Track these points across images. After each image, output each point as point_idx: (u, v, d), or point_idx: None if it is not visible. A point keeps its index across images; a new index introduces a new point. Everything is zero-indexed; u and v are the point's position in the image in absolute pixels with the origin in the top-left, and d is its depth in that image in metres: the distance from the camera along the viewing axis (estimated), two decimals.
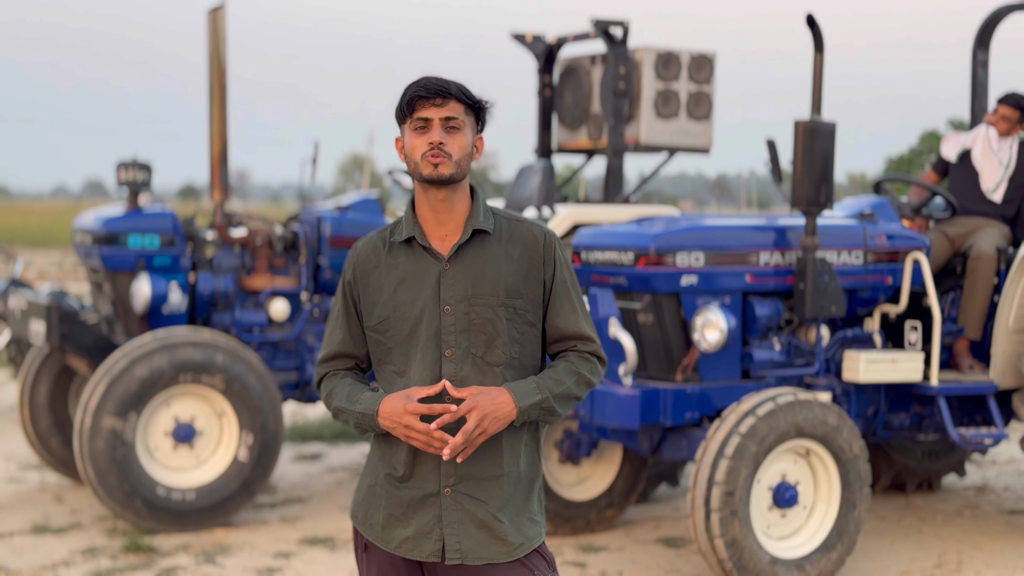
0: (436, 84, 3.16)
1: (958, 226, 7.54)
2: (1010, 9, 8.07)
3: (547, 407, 3.21)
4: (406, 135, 3.22)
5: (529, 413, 3.19)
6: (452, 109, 3.18)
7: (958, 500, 8.49)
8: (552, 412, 3.23)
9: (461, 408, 3.12)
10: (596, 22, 8.66)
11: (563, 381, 3.25)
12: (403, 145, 3.23)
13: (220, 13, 8.13)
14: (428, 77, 3.19)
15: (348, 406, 3.25)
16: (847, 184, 56.50)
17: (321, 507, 8.06)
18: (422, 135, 3.18)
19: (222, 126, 8.20)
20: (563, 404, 3.25)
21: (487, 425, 3.14)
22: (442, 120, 3.17)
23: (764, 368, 6.78)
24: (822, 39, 6.68)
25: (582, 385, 3.28)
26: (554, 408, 3.22)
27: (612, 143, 8.78)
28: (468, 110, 3.21)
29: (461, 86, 3.20)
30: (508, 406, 3.15)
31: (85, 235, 8.08)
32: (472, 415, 3.12)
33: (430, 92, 3.16)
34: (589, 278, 6.89)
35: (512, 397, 3.16)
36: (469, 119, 3.22)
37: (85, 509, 7.92)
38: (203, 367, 7.37)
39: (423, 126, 3.18)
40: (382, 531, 3.26)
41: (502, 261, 3.24)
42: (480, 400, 3.13)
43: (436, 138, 3.16)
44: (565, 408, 3.26)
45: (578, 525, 7.37)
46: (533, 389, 3.19)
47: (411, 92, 3.17)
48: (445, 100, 3.17)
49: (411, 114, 3.19)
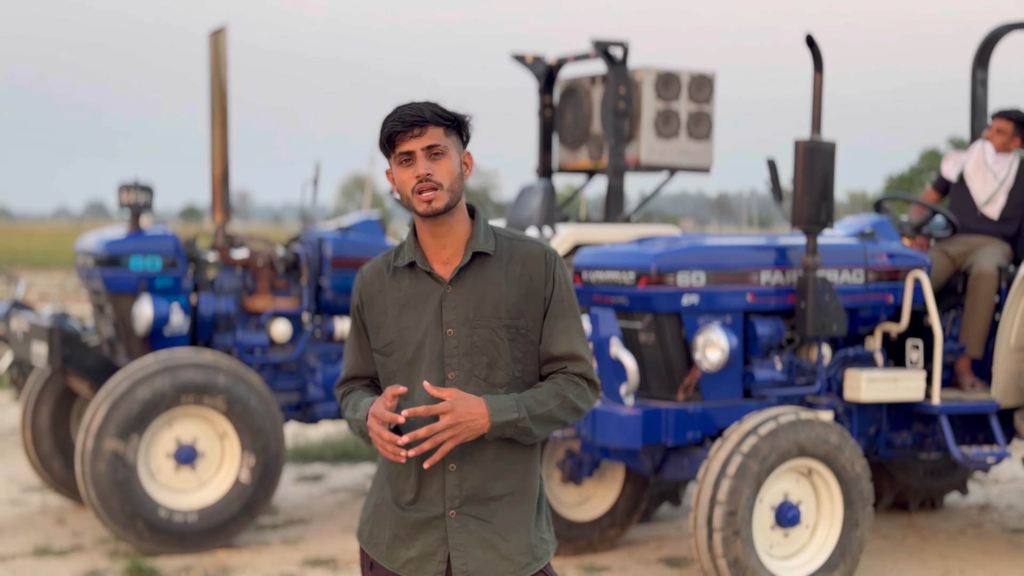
0: (410, 115, 3.14)
1: (959, 244, 7.55)
2: (1008, 28, 8.10)
3: (523, 427, 3.17)
4: (393, 168, 3.22)
5: (503, 429, 3.16)
6: (432, 136, 3.16)
7: (961, 519, 8.48)
8: (527, 433, 3.19)
9: (437, 407, 3.10)
10: (596, 43, 8.69)
11: (546, 403, 3.21)
12: (393, 178, 3.23)
13: (221, 36, 8.16)
14: (402, 107, 3.17)
15: (351, 415, 3.28)
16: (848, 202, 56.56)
17: (323, 528, 8.05)
18: (408, 168, 3.18)
19: (223, 147, 8.22)
20: (541, 426, 3.21)
21: (458, 431, 3.11)
22: (424, 150, 3.16)
23: (766, 387, 6.78)
24: (821, 59, 6.70)
25: (566, 409, 3.24)
26: (530, 429, 3.18)
27: (613, 163, 8.80)
28: (448, 131, 3.20)
29: (435, 108, 3.17)
30: (483, 418, 3.13)
31: (87, 257, 8.09)
32: (445, 417, 3.10)
33: (406, 125, 3.14)
34: (590, 298, 6.90)
35: (488, 410, 3.14)
36: (451, 139, 3.21)
37: (87, 531, 7.92)
38: (205, 389, 7.38)
39: (407, 159, 3.18)
40: (387, 550, 3.27)
41: (503, 282, 3.24)
42: (457, 405, 3.11)
43: (422, 170, 3.15)
44: (543, 430, 3.23)
45: (581, 545, 7.36)
46: (512, 407, 3.16)
47: (388, 128, 3.16)
48: (423, 128, 3.15)
49: (393, 150, 3.19)
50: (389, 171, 3.25)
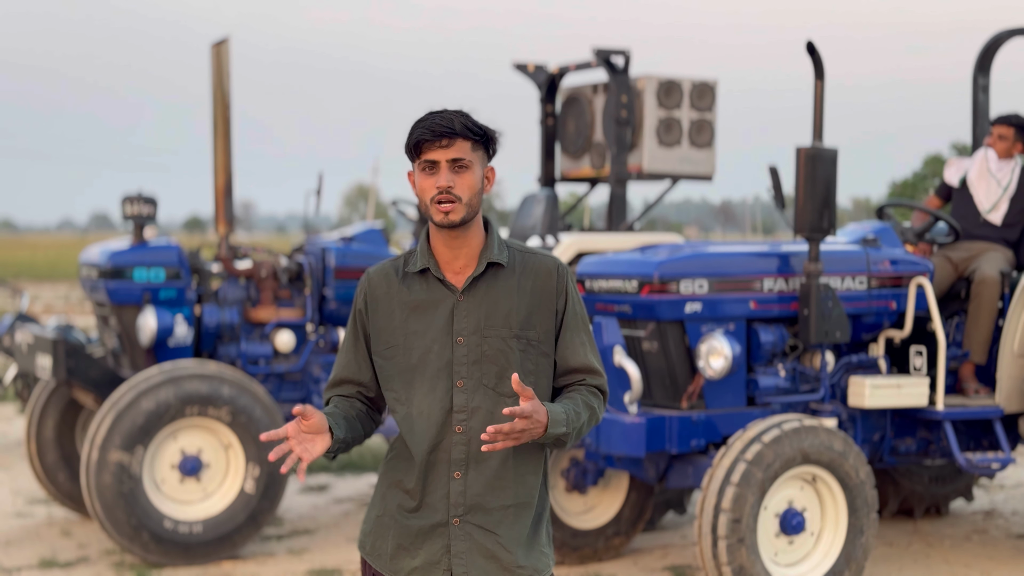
0: (441, 125, 3.14)
1: (961, 251, 7.55)
2: (1010, 34, 8.11)
3: (563, 440, 3.20)
4: (416, 174, 3.21)
5: (549, 439, 3.18)
6: (459, 149, 3.16)
7: (966, 525, 8.47)
8: (562, 445, 3.23)
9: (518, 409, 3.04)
10: (598, 51, 8.70)
11: (580, 415, 3.24)
12: (415, 181, 3.23)
13: (224, 47, 8.18)
14: (433, 115, 3.17)
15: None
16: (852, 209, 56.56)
17: (328, 538, 8.05)
18: (430, 177, 3.17)
19: (227, 158, 8.24)
20: (574, 438, 3.25)
21: (526, 437, 3.09)
22: (449, 162, 3.16)
23: (769, 394, 6.78)
24: (822, 66, 6.71)
25: (592, 421, 3.30)
26: (567, 443, 3.22)
27: (615, 171, 8.81)
28: (476, 145, 3.19)
29: (467, 121, 3.17)
30: (541, 427, 3.12)
31: (91, 269, 8.11)
32: (522, 421, 3.06)
33: (435, 135, 3.14)
34: (593, 306, 6.90)
35: (548, 421, 3.13)
36: (477, 154, 3.21)
37: (92, 543, 7.92)
38: (209, 399, 7.38)
39: (431, 168, 3.18)
40: (390, 561, 3.28)
41: (515, 293, 3.25)
42: (535, 411, 3.07)
43: (444, 182, 3.15)
44: (574, 442, 3.26)
45: (585, 554, 7.35)
46: (562, 420, 3.16)
47: (417, 135, 3.16)
48: (451, 140, 3.15)
49: (418, 156, 3.18)
50: (411, 173, 3.25)
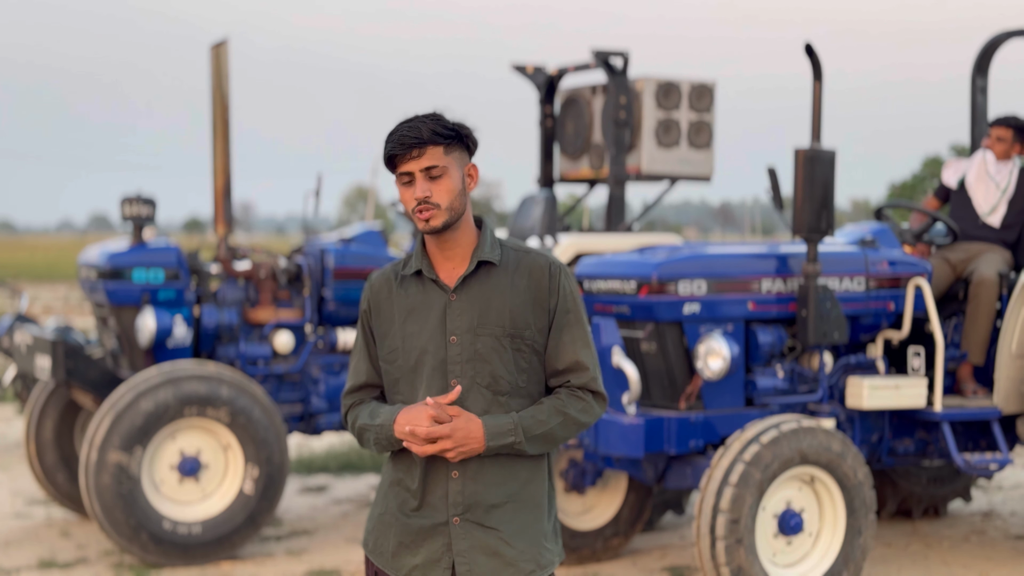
0: (409, 137, 3.16)
1: (959, 252, 7.56)
2: (1008, 36, 8.12)
3: (518, 448, 3.23)
4: (397, 186, 3.26)
5: (498, 451, 3.23)
6: (431, 157, 3.19)
7: (964, 526, 8.48)
8: (523, 452, 3.26)
9: (436, 430, 3.15)
10: (596, 53, 8.71)
11: (546, 422, 3.25)
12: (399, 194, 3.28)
13: (223, 48, 8.19)
14: (402, 126, 3.20)
15: (369, 421, 3.29)
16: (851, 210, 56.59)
17: (327, 539, 8.05)
18: (409, 188, 3.22)
19: (226, 160, 8.25)
20: (539, 445, 3.26)
21: (451, 455, 3.18)
22: (423, 172, 3.19)
23: (767, 395, 6.79)
24: (821, 67, 6.72)
25: (569, 426, 3.28)
26: (524, 450, 3.24)
27: (614, 172, 8.82)
28: (449, 148, 3.21)
29: (435, 126, 3.18)
30: (478, 443, 3.19)
31: (90, 270, 8.11)
32: (442, 442, 3.15)
33: (404, 147, 3.17)
34: (592, 307, 6.91)
35: (484, 435, 3.19)
36: (453, 155, 3.22)
37: (91, 544, 7.93)
38: (208, 400, 7.39)
39: (408, 180, 3.22)
40: (392, 559, 3.30)
41: (508, 292, 3.27)
42: (456, 432, 3.16)
43: (420, 192, 3.19)
44: (540, 449, 3.27)
45: (584, 555, 7.36)
46: (509, 430, 3.21)
47: (388, 150, 3.20)
48: (421, 150, 3.18)
49: (394, 169, 3.23)
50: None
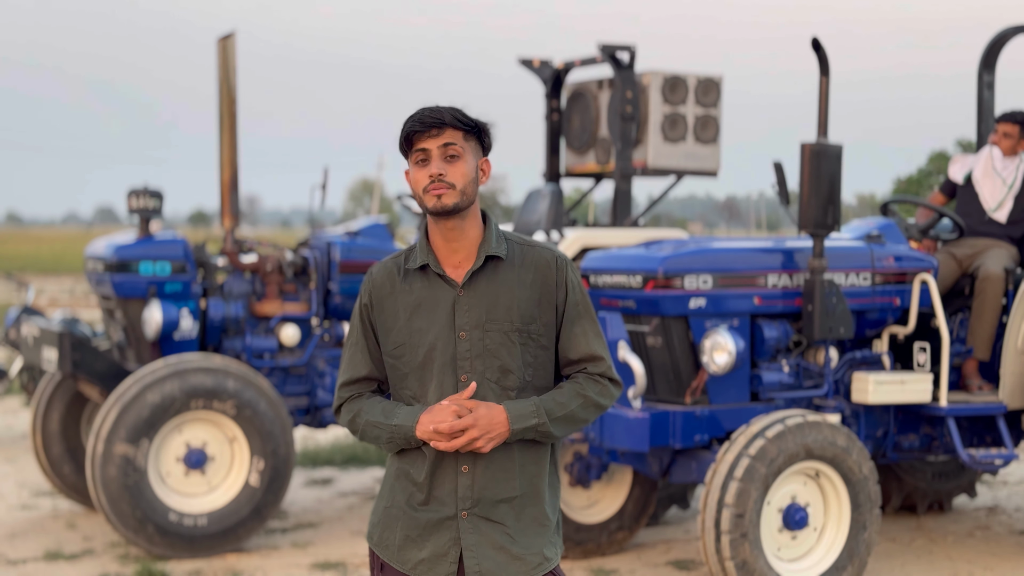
0: (430, 115, 3.19)
1: (965, 247, 7.56)
2: (1015, 31, 8.11)
3: (543, 431, 3.24)
4: (410, 168, 3.25)
5: (524, 434, 3.23)
6: (449, 136, 3.20)
7: (969, 521, 8.48)
8: (548, 435, 3.26)
9: (460, 423, 3.16)
10: (603, 47, 8.71)
11: (567, 404, 3.27)
12: (410, 177, 3.27)
13: (230, 42, 8.20)
14: (424, 109, 3.22)
15: (383, 420, 3.27)
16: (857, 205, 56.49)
17: (332, 532, 8.07)
18: (423, 167, 3.21)
19: (232, 153, 8.25)
20: (563, 427, 3.27)
21: (480, 444, 3.19)
22: (440, 149, 3.20)
23: (773, 390, 6.79)
24: (827, 62, 6.71)
25: (589, 408, 3.30)
26: (550, 432, 3.25)
27: (620, 167, 8.82)
28: (467, 135, 3.23)
29: (456, 112, 3.21)
30: (503, 427, 3.19)
31: (97, 262, 8.13)
32: (469, 432, 3.17)
33: (425, 125, 3.18)
34: (598, 302, 6.92)
35: (508, 418, 3.20)
36: (470, 144, 3.24)
37: (98, 536, 7.95)
38: (214, 393, 7.40)
39: (423, 158, 3.21)
40: (398, 552, 3.30)
41: (515, 286, 3.27)
42: (480, 420, 3.17)
43: (435, 169, 3.19)
44: (565, 431, 3.29)
45: (589, 548, 7.37)
46: (531, 412, 3.22)
47: (407, 127, 3.21)
48: (441, 130, 3.19)
49: (410, 148, 3.23)
50: (408, 172, 3.28)
